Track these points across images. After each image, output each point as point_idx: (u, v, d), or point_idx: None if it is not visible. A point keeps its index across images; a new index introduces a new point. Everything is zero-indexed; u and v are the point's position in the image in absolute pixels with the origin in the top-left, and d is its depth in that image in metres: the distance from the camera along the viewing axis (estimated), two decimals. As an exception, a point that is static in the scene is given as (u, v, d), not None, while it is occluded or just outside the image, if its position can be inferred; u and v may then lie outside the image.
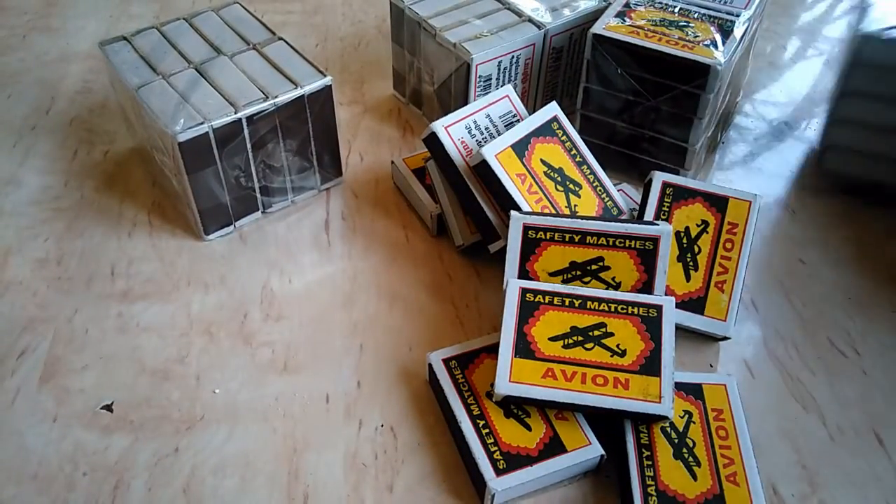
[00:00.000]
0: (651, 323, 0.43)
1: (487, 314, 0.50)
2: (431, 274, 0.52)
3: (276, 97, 0.51)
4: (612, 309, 0.43)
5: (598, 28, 0.54)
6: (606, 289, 0.45)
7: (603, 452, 0.40)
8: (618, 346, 0.42)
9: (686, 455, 0.40)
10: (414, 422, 0.44)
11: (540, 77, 0.61)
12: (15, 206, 0.57)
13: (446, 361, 0.44)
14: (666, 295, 0.46)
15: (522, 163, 0.49)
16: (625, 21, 0.55)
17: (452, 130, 0.51)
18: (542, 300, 0.44)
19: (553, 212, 0.49)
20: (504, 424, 0.41)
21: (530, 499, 0.40)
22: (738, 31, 0.55)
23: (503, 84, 0.58)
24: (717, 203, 0.49)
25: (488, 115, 0.52)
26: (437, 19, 0.58)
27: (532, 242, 0.46)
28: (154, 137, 0.51)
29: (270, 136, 0.52)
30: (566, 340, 0.42)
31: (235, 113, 0.49)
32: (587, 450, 0.40)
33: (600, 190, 0.51)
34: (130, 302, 0.50)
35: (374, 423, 0.44)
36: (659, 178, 0.50)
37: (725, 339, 0.47)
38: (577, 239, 0.45)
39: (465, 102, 0.57)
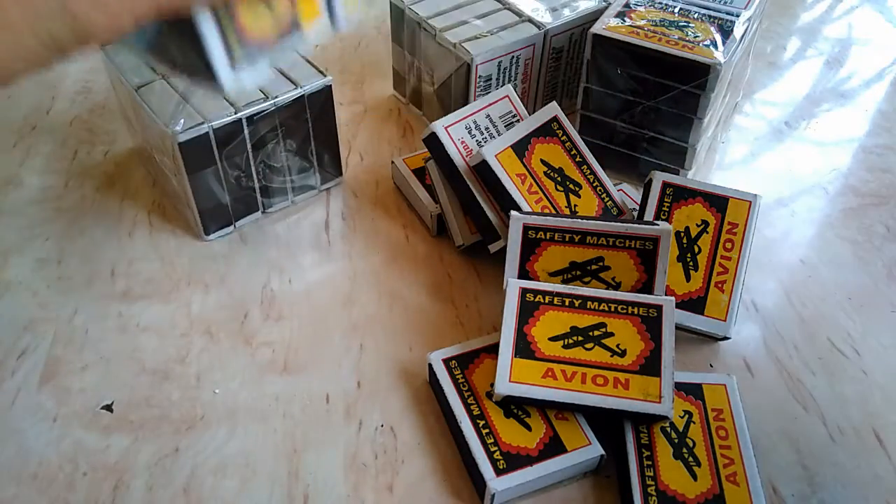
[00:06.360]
0: (651, 323, 0.43)
1: (487, 314, 0.50)
2: (431, 274, 0.52)
3: (276, 97, 0.51)
4: (612, 309, 0.43)
5: (598, 28, 0.54)
6: (606, 289, 0.45)
7: (603, 452, 0.40)
8: (618, 346, 0.42)
9: (686, 455, 0.40)
10: (414, 422, 0.44)
11: (540, 77, 0.61)
12: (15, 206, 0.57)
13: (446, 361, 0.44)
14: (666, 295, 0.46)
15: (522, 163, 0.49)
16: (625, 21, 0.55)
17: (452, 130, 0.51)
18: (542, 300, 0.44)
19: (553, 212, 0.49)
20: (504, 424, 0.41)
21: (530, 499, 0.40)
22: (738, 31, 0.55)
23: (503, 84, 0.58)
24: (717, 203, 0.49)
25: (488, 115, 0.52)
26: (437, 19, 0.58)
27: (532, 242, 0.46)
28: (154, 137, 0.51)
29: (270, 136, 0.52)
30: (566, 340, 0.42)
31: (235, 113, 0.49)
32: (587, 450, 0.40)
33: (600, 190, 0.51)
34: (130, 302, 0.50)
35: (374, 423, 0.44)
36: (659, 178, 0.50)
37: (725, 339, 0.47)
38: (577, 239, 0.45)
39: (465, 102, 0.57)
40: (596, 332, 0.43)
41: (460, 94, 0.58)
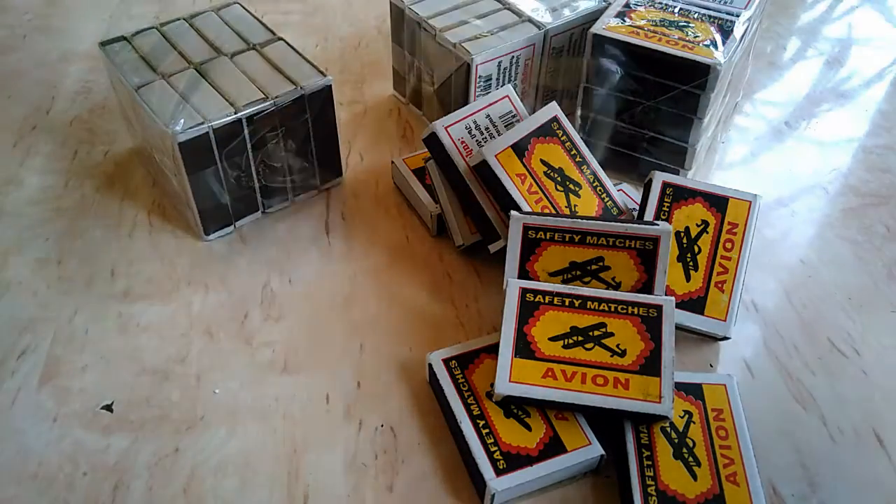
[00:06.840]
0: (651, 323, 0.43)
1: (487, 314, 0.50)
2: (431, 274, 0.52)
3: (276, 97, 0.51)
4: (612, 309, 0.43)
5: (598, 28, 0.54)
6: (606, 289, 0.45)
7: (603, 452, 0.40)
8: (618, 346, 0.42)
9: (686, 455, 0.40)
10: (414, 422, 0.44)
11: (540, 77, 0.61)
12: (15, 206, 0.57)
13: (446, 361, 0.44)
14: (666, 295, 0.46)
15: (522, 163, 0.49)
16: (625, 21, 0.55)
17: (452, 130, 0.51)
18: (542, 300, 0.44)
19: (553, 212, 0.49)
20: (504, 424, 0.41)
21: (530, 499, 0.40)
22: (738, 31, 0.55)
23: (503, 84, 0.58)
24: (717, 203, 0.49)
25: (488, 115, 0.52)
26: (437, 19, 0.58)
27: (532, 242, 0.46)
28: (154, 137, 0.51)
29: (270, 136, 0.52)
30: (566, 340, 0.42)
31: (235, 113, 0.49)
32: (587, 450, 0.40)
33: (600, 190, 0.51)
34: (130, 302, 0.50)
35: (374, 423, 0.44)
36: (659, 178, 0.50)
37: (725, 339, 0.47)
38: (577, 239, 0.45)
39: (465, 102, 0.57)
40: (596, 332, 0.43)
41: (460, 94, 0.58)
